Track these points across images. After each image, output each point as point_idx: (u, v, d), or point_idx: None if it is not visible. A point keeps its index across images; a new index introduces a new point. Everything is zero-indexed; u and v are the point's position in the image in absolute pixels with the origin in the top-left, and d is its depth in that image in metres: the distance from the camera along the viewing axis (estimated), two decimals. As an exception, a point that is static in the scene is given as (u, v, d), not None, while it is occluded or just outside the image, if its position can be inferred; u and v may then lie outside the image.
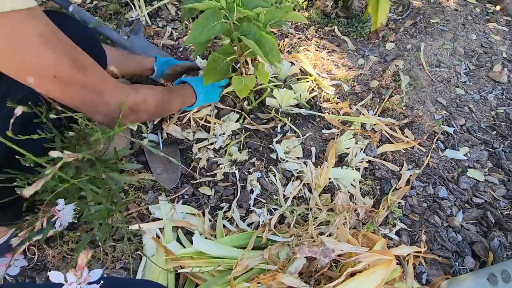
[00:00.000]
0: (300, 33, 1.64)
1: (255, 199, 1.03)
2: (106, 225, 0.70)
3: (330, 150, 1.12)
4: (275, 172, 1.09)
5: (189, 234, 0.94)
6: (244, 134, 1.17)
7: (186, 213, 0.98)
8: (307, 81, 1.36)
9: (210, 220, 0.97)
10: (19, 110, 0.48)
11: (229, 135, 1.17)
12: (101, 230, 0.70)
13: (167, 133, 1.16)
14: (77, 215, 0.60)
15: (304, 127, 1.24)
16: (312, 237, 0.82)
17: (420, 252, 0.91)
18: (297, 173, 1.09)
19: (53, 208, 0.56)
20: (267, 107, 1.27)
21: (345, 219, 0.92)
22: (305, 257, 0.76)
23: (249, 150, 1.15)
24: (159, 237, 0.91)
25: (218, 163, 1.10)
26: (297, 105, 1.29)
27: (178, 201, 1.01)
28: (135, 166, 0.95)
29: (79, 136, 0.67)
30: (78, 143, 0.66)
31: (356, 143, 1.17)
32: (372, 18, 1.32)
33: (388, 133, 1.23)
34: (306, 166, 1.09)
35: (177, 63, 1.15)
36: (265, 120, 1.24)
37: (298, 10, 1.79)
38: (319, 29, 1.70)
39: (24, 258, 0.88)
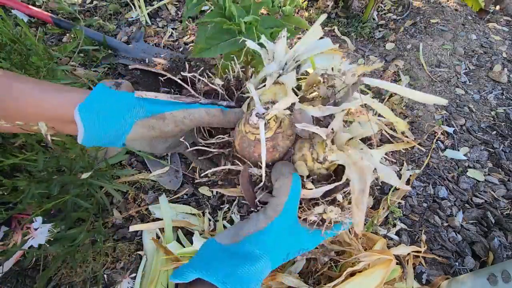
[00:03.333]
0: (300, 33, 1.64)
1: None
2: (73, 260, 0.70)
3: (330, 150, 1.12)
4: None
5: (189, 234, 0.94)
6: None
7: (186, 213, 0.98)
8: (307, 81, 1.36)
9: (210, 220, 0.97)
10: None
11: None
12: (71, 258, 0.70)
13: None
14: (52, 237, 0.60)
15: (304, 127, 1.24)
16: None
17: (420, 252, 0.91)
18: (297, 173, 1.09)
19: (30, 225, 0.56)
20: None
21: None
22: (305, 258, 0.76)
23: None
24: (159, 237, 0.91)
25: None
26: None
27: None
28: (129, 172, 0.93)
29: (62, 150, 0.66)
30: (61, 156, 0.66)
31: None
32: (468, 2, 1.27)
33: (388, 133, 1.22)
34: (306, 166, 1.09)
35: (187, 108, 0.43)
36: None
37: (298, 11, 1.79)
38: (319, 29, 1.70)
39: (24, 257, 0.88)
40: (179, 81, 0.44)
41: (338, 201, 0.37)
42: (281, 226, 0.37)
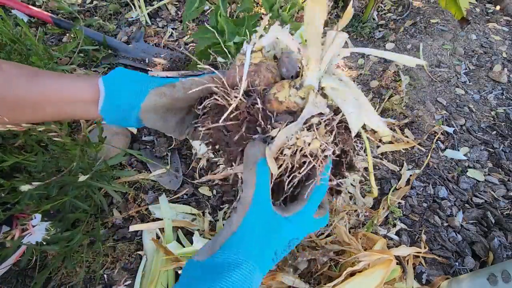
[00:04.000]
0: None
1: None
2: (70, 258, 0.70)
3: (330, 150, 1.12)
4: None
5: (189, 234, 0.94)
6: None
7: (186, 213, 0.98)
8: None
9: (210, 220, 0.97)
10: None
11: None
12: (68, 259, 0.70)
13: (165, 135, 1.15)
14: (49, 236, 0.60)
15: (304, 127, 1.24)
16: (311, 237, 0.82)
17: (420, 252, 0.91)
18: (297, 173, 1.09)
19: (29, 222, 0.56)
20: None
21: (343, 219, 0.92)
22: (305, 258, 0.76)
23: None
24: (159, 237, 0.91)
25: (218, 163, 1.10)
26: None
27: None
28: (129, 173, 0.93)
29: (62, 150, 0.66)
30: (61, 157, 0.66)
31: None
32: (451, 10, 1.28)
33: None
34: (306, 166, 1.09)
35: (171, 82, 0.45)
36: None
37: (298, 11, 1.79)
38: (319, 29, 1.70)
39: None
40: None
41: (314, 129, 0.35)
42: (255, 221, 0.34)
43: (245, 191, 0.34)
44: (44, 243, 0.62)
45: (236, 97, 0.37)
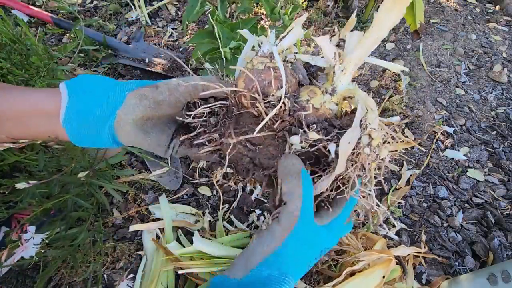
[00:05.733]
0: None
1: (255, 199, 1.03)
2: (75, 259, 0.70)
3: (330, 150, 1.12)
4: (275, 172, 1.09)
5: (189, 234, 0.94)
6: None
7: (186, 213, 0.98)
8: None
9: (210, 220, 0.97)
10: None
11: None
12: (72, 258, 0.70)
13: None
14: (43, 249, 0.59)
15: (304, 127, 1.24)
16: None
17: (420, 252, 0.91)
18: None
19: (22, 236, 0.56)
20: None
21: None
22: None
23: (249, 150, 1.15)
24: (159, 237, 0.91)
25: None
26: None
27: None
28: (129, 173, 0.93)
29: (62, 149, 0.66)
30: (61, 156, 0.66)
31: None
32: (407, 20, 1.31)
33: (388, 133, 1.22)
34: (306, 166, 1.09)
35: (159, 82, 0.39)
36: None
37: (298, 11, 1.79)
38: (319, 29, 1.70)
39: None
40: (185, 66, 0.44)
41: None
42: (301, 236, 0.31)
43: (291, 204, 0.31)
44: (46, 250, 0.62)
45: (268, 104, 0.32)
